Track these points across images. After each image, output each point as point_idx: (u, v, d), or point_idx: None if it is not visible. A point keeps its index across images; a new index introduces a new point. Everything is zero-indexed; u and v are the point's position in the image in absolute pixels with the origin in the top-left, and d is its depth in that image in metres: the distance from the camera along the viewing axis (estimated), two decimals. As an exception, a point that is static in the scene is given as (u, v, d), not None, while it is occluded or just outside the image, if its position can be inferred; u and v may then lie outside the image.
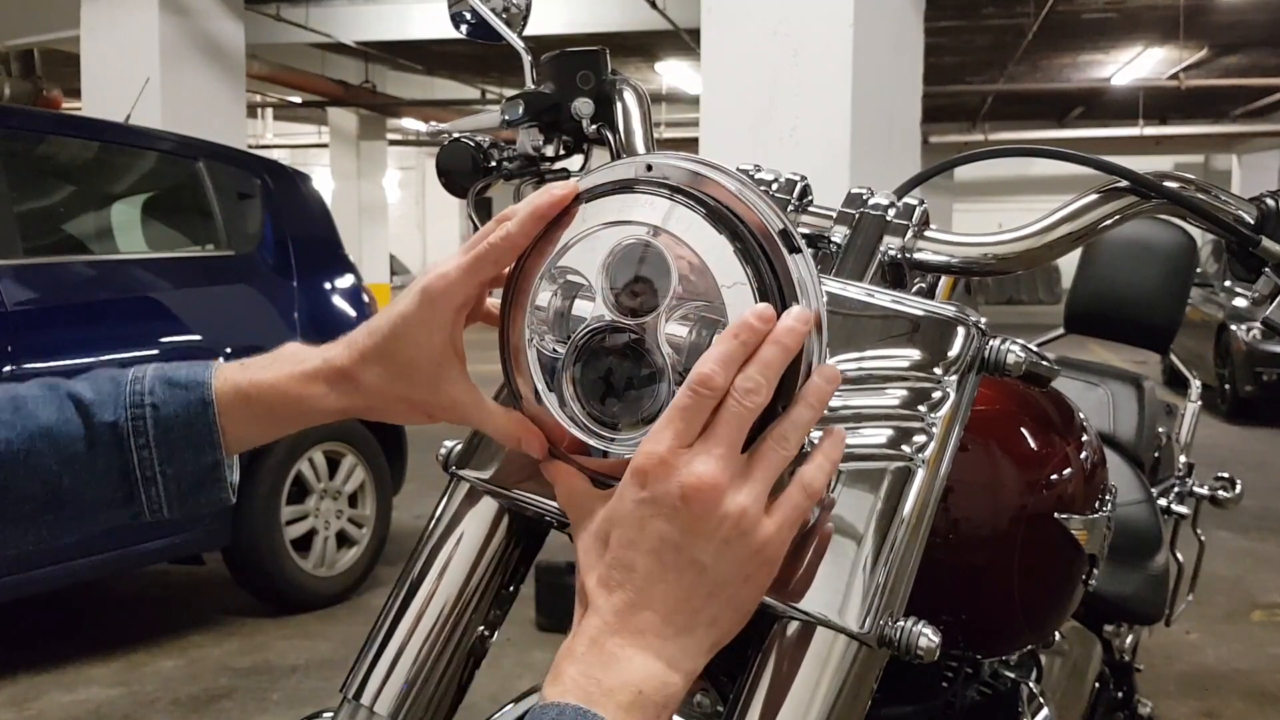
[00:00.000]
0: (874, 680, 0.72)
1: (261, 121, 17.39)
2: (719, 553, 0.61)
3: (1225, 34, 11.89)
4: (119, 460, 0.72)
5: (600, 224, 0.69)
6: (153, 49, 5.81)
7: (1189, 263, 1.59)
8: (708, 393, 0.62)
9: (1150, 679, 3.04)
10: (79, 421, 0.72)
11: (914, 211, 0.87)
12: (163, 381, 0.73)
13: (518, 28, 1.04)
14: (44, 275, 3.64)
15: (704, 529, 0.61)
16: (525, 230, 0.69)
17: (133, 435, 0.72)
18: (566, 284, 0.70)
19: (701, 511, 0.61)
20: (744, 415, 0.62)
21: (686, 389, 0.62)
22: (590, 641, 0.60)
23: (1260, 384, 8.49)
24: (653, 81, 13.96)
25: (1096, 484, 1.02)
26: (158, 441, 0.72)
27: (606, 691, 0.58)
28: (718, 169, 0.69)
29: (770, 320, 0.63)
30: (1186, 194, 0.84)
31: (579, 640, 0.61)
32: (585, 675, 0.59)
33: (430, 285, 0.70)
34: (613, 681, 0.59)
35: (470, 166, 1.00)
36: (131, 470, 0.72)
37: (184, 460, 0.73)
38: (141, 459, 0.72)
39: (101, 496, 0.72)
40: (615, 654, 0.60)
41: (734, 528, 0.61)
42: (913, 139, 3.84)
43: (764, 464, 0.63)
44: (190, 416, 0.72)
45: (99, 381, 0.74)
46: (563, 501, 0.69)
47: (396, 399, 0.72)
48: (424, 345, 0.70)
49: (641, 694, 0.59)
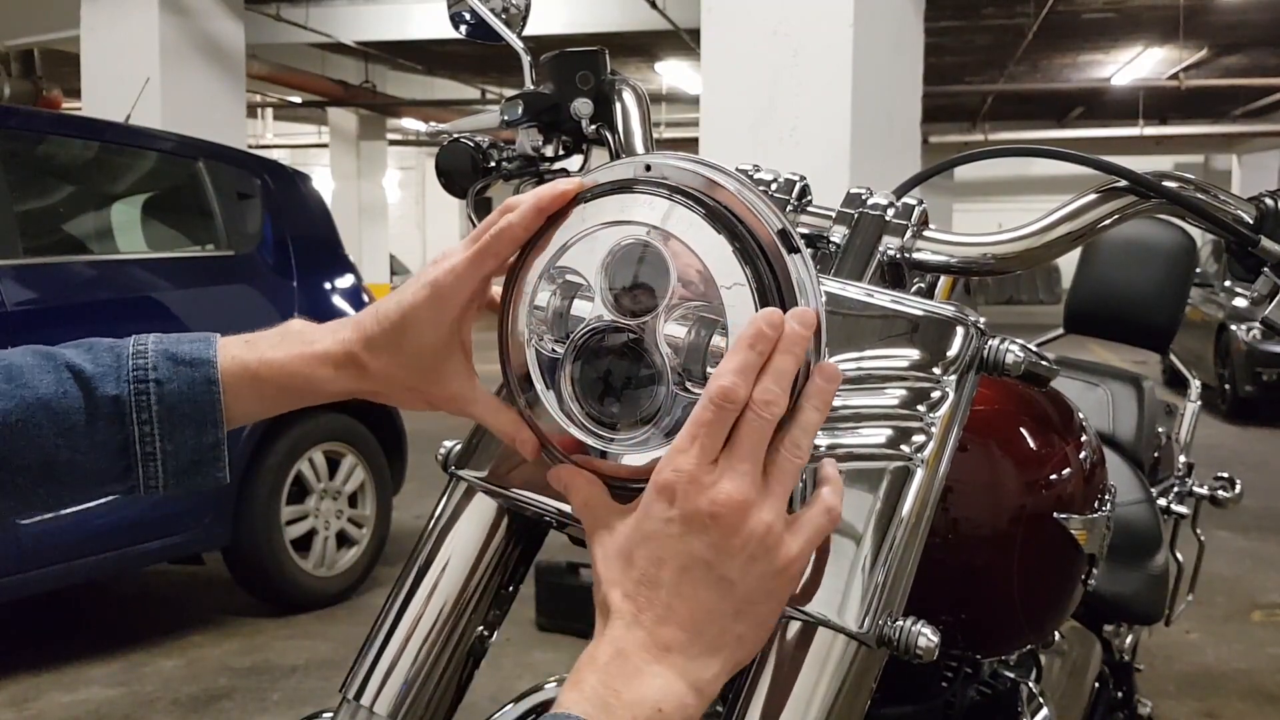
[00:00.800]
0: (873, 680, 0.72)
1: (261, 121, 17.39)
2: (745, 569, 0.61)
3: (1225, 34, 11.89)
4: (120, 435, 0.71)
5: (599, 224, 0.69)
6: (153, 49, 5.81)
7: (1189, 263, 1.59)
8: (731, 406, 0.61)
9: (1150, 679, 3.04)
10: (79, 393, 0.70)
11: (913, 211, 0.87)
12: (166, 357, 0.72)
13: (517, 28, 1.04)
14: (44, 275, 3.64)
15: (733, 546, 0.60)
16: (526, 222, 0.70)
17: (135, 410, 0.71)
18: (565, 284, 0.70)
19: (731, 529, 0.60)
20: (765, 428, 0.62)
21: (709, 403, 0.61)
22: (616, 653, 0.60)
23: (1260, 384, 8.49)
24: (653, 81, 13.96)
25: (1096, 484, 1.02)
26: (160, 418, 0.71)
27: (626, 705, 0.57)
28: (717, 169, 0.69)
29: (780, 326, 0.63)
30: (1186, 194, 0.84)
31: (603, 648, 0.60)
32: (606, 686, 0.58)
33: (439, 280, 0.70)
34: (633, 695, 0.58)
35: (470, 167, 1.00)
36: (131, 445, 0.71)
37: (185, 438, 0.72)
38: (143, 434, 0.71)
39: (99, 469, 0.72)
40: (640, 669, 0.59)
41: (760, 544, 0.61)
42: (913, 139, 3.83)
43: (781, 475, 0.62)
44: (195, 395, 0.72)
45: (98, 353, 0.72)
46: (579, 510, 0.69)
47: (401, 386, 0.73)
48: (430, 338, 0.71)
49: (660, 712, 0.58)
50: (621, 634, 0.60)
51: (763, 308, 0.65)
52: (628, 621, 0.61)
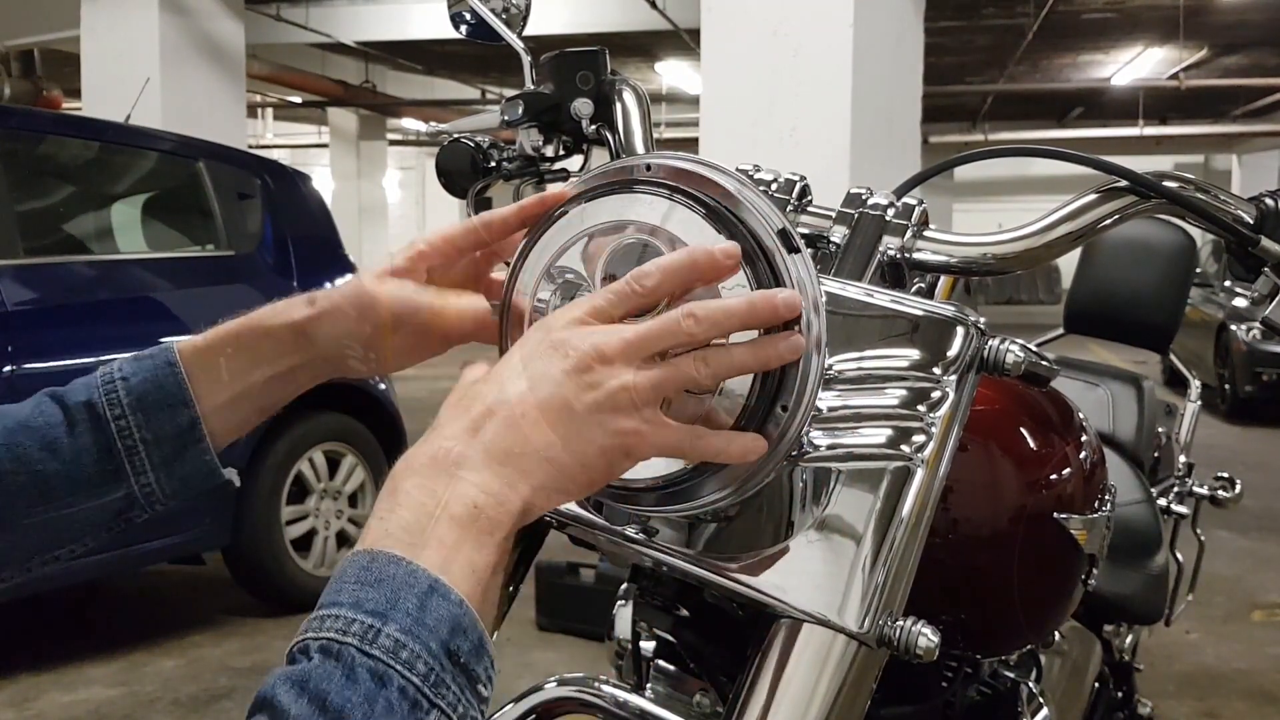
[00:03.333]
0: (873, 680, 0.72)
1: (261, 121, 17.39)
2: (588, 414, 0.60)
3: (1225, 34, 11.89)
4: (100, 436, 0.75)
5: (599, 223, 0.69)
6: (153, 49, 5.81)
7: (1188, 263, 1.59)
8: (639, 289, 0.63)
9: (1150, 679, 3.04)
10: (55, 409, 0.75)
11: (913, 211, 0.87)
12: (129, 359, 0.77)
13: (517, 28, 1.04)
14: (44, 275, 3.64)
15: (584, 383, 0.61)
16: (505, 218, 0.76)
17: (107, 408, 0.75)
18: (566, 284, 0.70)
19: (589, 370, 0.61)
20: (675, 334, 0.62)
21: (623, 280, 0.63)
22: (430, 457, 0.59)
23: (1260, 384, 8.49)
24: (653, 81, 13.96)
25: (1096, 484, 1.02)
26: (132, 409, 0.75)
27: (442, 504, 0.57)
28: (716, 169, 0.69)
29: (733, 258, 0.64)
30: (1186, 194, 0.84)
31: (419, 454, 0.59)
32: (422, 488, 0.58)
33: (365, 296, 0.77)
34: (449, 494, 0.57)
35: (470, 167, 1.00)
36: (113, 442, 0.75)
37: (160, 422, 0.75)
38: (120, 428, 0.75)
39: (88, 476, 0.74)
40: (453, 473, 0.58)
41: (610, 399, 0.61)
42: (913, 139, 3.83)
43: (670, 368, 0.63)
44: (159, 378, 0.76)
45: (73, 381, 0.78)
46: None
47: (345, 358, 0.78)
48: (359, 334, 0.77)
49: (477, 508, 0.57)
50: (437, 440, 0.60)
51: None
52: (446, 427, 0.61)
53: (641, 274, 0.63)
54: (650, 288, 0.63)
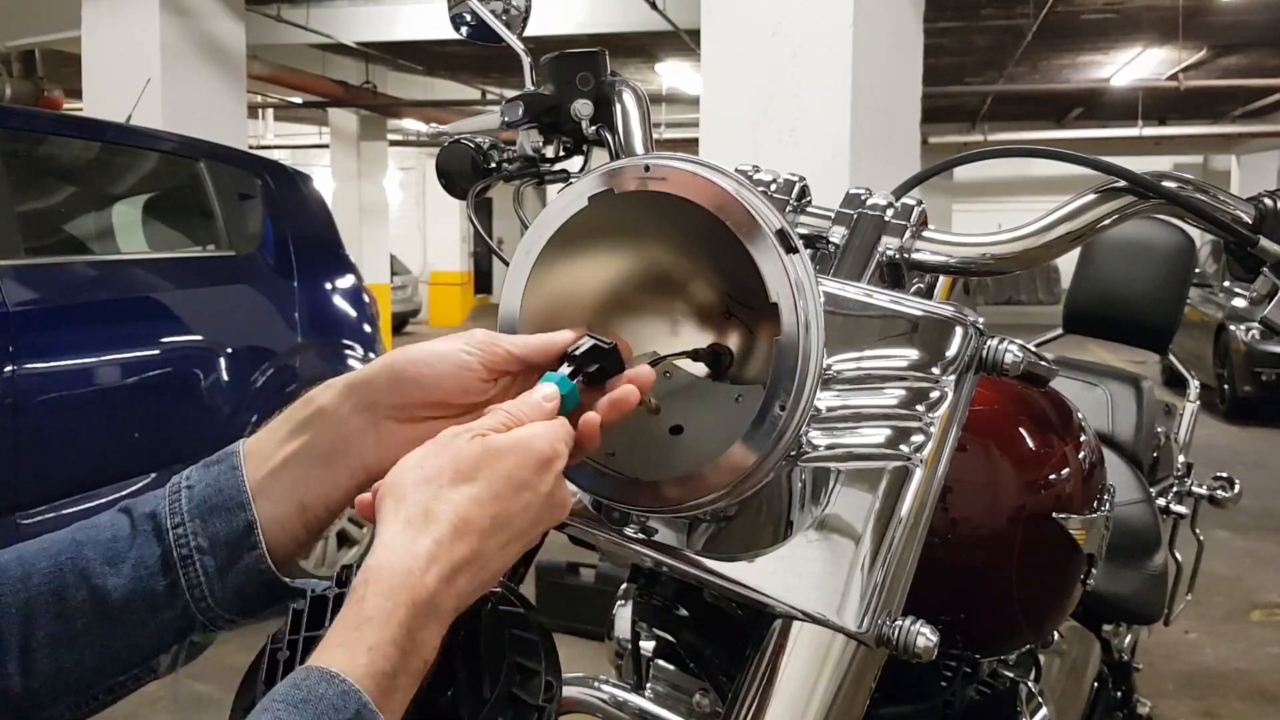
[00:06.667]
0: (872, 679, 0.72)
1: (262, 122, 17.37)
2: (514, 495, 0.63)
3: (1225, 34, 11.88)
4: (160, 546, 0.70)
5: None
6: (154, 49, 5.81)
7: (1187, 263, 1.60)
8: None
9: (1149, 679, 3.04)
10: (124, 520, 0.71)
11: (912, 212, 0.87)
12: (200, 466, 0.73)
13: (517, 29, 1.04)
14: (45, 275, 3.64)
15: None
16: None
17: (169, 516, 0.71)
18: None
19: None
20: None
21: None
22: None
23: (1259, 384, 8.48)
24: (653, 82, 13.95)
25: (1095, 484, 1.03)
26: (191, 515, 0.71)
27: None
28: (716, 170, 0.69)
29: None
30: (1184, 194, 0.84)
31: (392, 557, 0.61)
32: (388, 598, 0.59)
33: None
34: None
35: (470, 168, 1.00)
36: (170, 552, 0.70)
37: (215, 528, 0.71)
38: (177, 536, 0.70)
39: (145, 592, 0.70)
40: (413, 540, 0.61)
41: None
42: (913, 139, 3.83)
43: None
44: (221, 483, 0.72)
45: (147, 493, 0.74)
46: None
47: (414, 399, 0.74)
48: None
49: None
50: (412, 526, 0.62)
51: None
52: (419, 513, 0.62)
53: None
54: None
